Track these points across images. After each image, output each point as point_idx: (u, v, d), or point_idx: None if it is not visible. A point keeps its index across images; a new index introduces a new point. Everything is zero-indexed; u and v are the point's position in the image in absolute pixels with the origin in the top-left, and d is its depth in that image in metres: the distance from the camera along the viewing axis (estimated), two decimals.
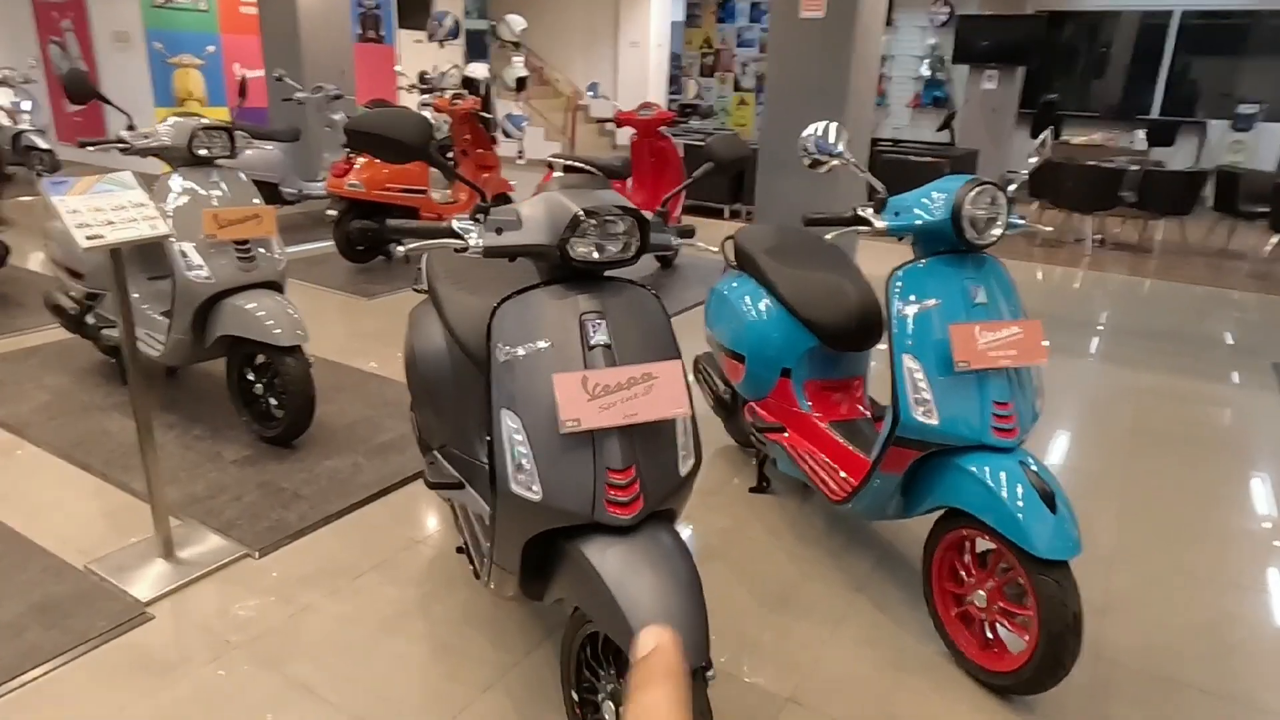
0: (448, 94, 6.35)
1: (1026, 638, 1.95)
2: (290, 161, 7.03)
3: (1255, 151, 10.65)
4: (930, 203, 2.07)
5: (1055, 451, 3.48)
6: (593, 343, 1.63)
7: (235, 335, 3.06)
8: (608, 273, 1.76)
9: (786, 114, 5.56)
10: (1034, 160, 2.26)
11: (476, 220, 1.66)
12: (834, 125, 2.14)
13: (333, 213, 5.68)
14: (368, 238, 5.81)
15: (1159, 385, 4.31)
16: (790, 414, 2.72)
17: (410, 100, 9.64)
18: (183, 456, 3.09)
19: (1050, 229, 2.44)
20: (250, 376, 3.20)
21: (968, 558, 2.14)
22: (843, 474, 2.42)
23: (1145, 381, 4.35)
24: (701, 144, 8.78)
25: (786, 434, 2.69)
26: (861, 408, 2.76)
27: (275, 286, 3.24)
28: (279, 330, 3.00)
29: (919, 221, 2.07)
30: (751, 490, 3.03)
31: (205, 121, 3.13)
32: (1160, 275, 6.92)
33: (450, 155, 6.74)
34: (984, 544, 2.10)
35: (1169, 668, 2.20)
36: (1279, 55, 11.51)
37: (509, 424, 1.61)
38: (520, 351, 1.63)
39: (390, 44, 11.81)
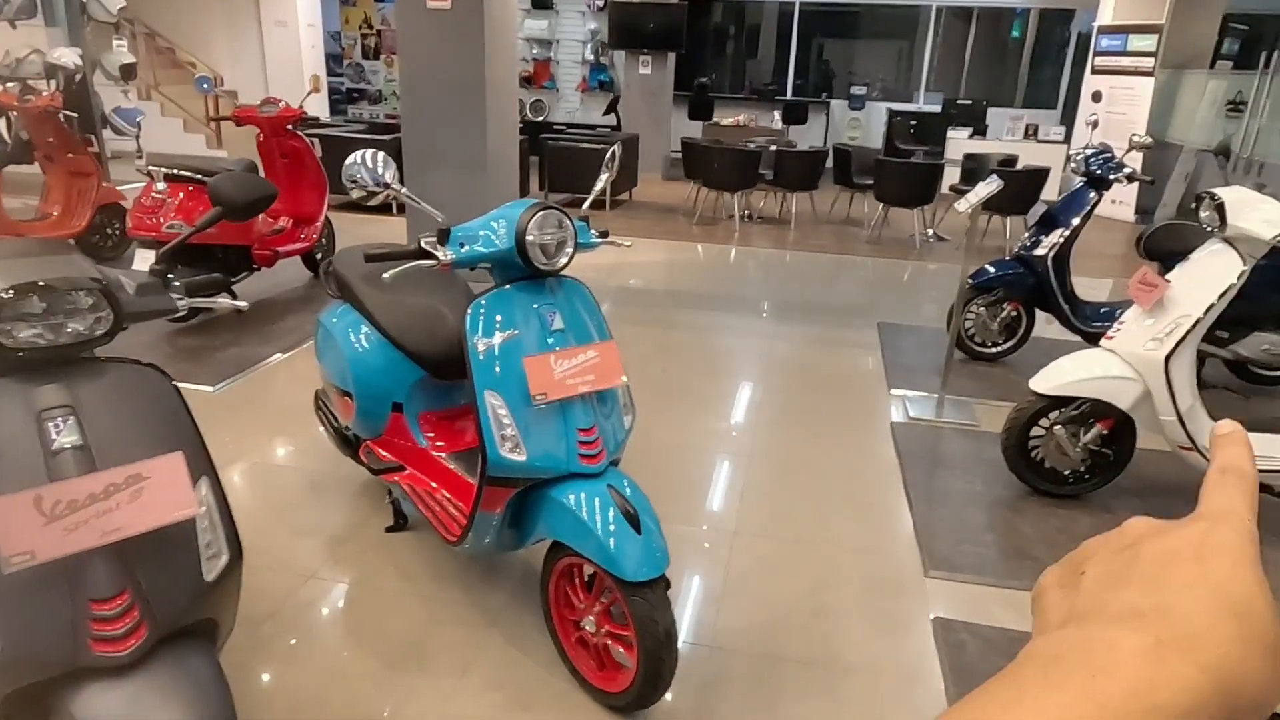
0: (13, 87, 5.27)
1: (633, 656, 1.97)
2: None
3: (869, 128, 12.29)
4: (493, 232, 1.98)
5: (687, 431, 3.67)
6: (56, 446, 1.32)
7: None
8: (94, 351, 1.45)
9: (425, 108, 5.32)
10: (603, 180, 2.26)
11: None
12: (379, 154, 1.97)
13: None
14: None
15: (786, 354, 4.75)
16: (408, 450, 2.55)
17: None
18: None
19: (629, 243, 2.50)
20: None
21: (578, 584, 2.13)
22: (460, 510, 2.30)
23: (776, 351, 4.78)
24: (365, 136, 8.25)
25: (405, 472, 2.51)
26: None
27: None
28: None
29: (484, 252, 1.98)
30: (388, 530, 2.82)
31: None
32: (796, 245, 7.71)
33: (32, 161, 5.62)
34: (591, 569, 2.09)
35: (771, 645, 2.37)
36: (883, 40, 13.38)
37: None
38: None
39: None
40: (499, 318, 2.00)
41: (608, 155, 2.28)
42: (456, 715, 2.06)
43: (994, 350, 4.64)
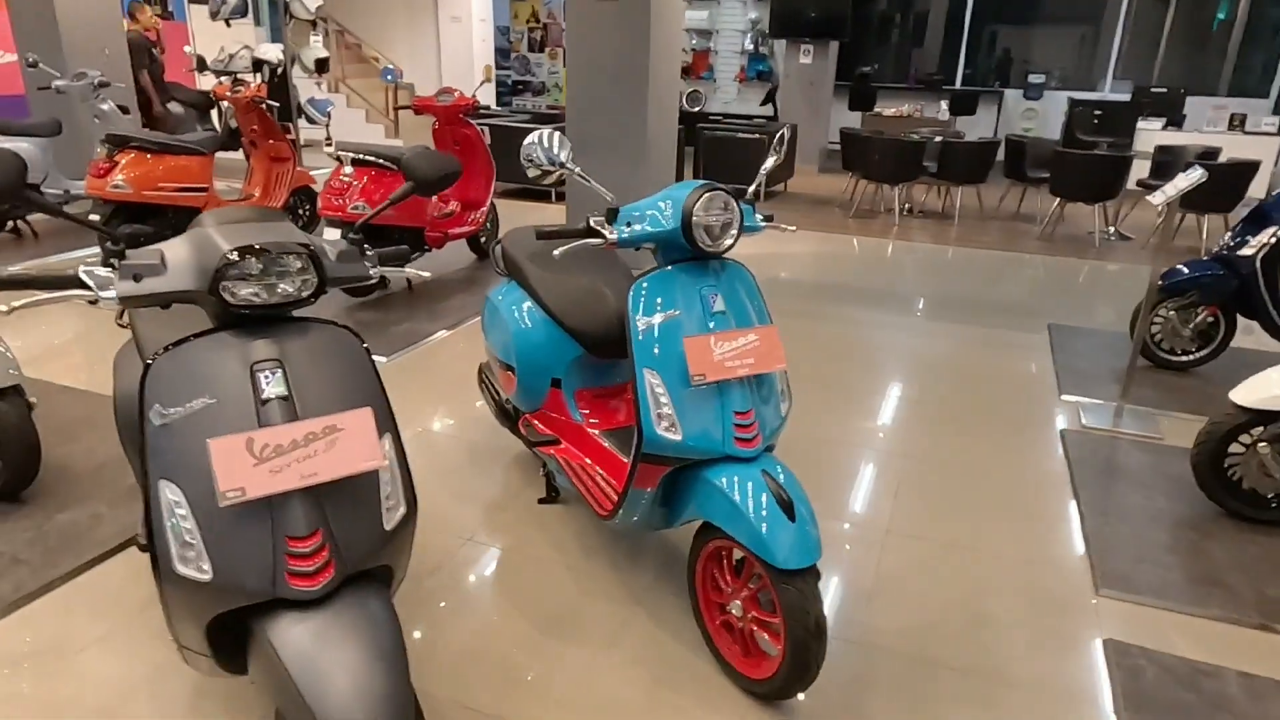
0: (227, 79, 5.83)
1: (779, 645, 1.94)
2: (51, 158, 6.28)
3: (1045, 119, 11.50)
4: (660, 212, 2.00)
5: (838, 425, 3.58)
6: (266, 396, 1.45)
7: None
8: (297, 312, 1.58)
9: (590, 97, 5.45)
10: (770, 162, 2.23)
11: (111, 265, 1.44)
12: (556, 134, 2.03)
13: (95, 218, 5.09)
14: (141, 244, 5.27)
15: (946, 353, 4.53)
16: (563, 425, 2.63)
17: (206, 84, 8.88)
18: None
19: (794, 228, 2.47)
20: None
21: (726, 567, 2.12)
22: (612, 485, 2.35)
23: (935, 349, 4.57)
24: (530, 126, 8.57)
25: (560, 446, 2.59)
26: None
27: None
28: None
29: (649, 231, 2.00)
30: (541, 501, 2.93)
31: None
32: (959, 241, 7.33)
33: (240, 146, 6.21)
34: (740, 553, 2.08)
35: (926, 648, 2.27)
36: (1065, 25, 12.46)
37: (169, 496, 1.42)
38: (179, 412, 1.43)
39: (181, 20, 10.83)
40: (661, 298, 2.02)
41: (775, 139, 2.25)
42: (600, 686, 2.11)
43: (1184, 359, 4.23)
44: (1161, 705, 2.08)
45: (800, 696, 2.07)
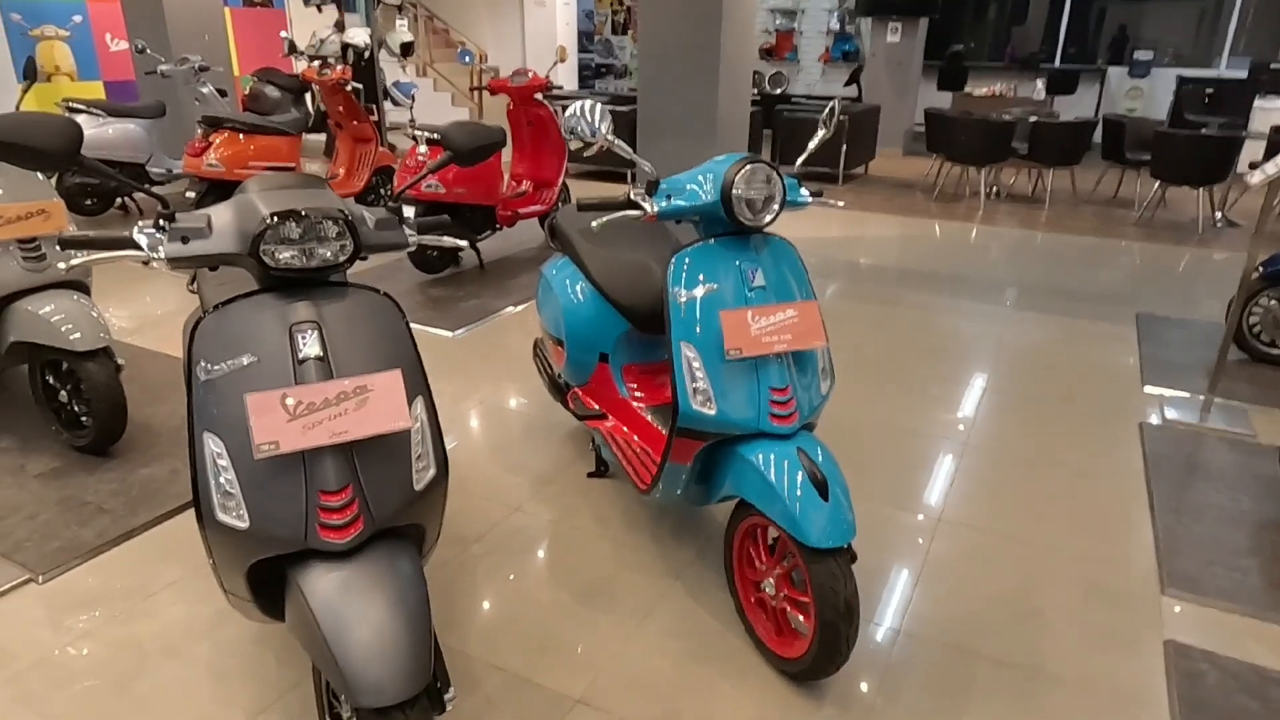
0: (316, 63, 6.06)
1: (811, 625, 1.92)
2: (156, 139, 6.65)
3: (1151, 98, 10.84)
4: (700, 185, 1.98)
5: (903, 411, 3.48)
6: (303, 355, 1.51)
7: (28, 341, 2.85)
8: (334, 277, 1.64)
9: (661, 78, 5.43)
10: (819, 136, 2.18)
11: (161, 228, 1.52)
12: (598, 106, 2.03)
13: (191, 195, 5.38)
14: None
15: (1025, 341, 4.35)
16: (610, 400, 2.65)
17: (299, 68, 9.25)
18: None
19: (842, 203, 2.40)
20: (55, 383, 3.01)
21: (761, 544, 2.11)
22: (653, 459, 2.36)
23: (1014, 337, 4.40)
24: (620, 109, 8.62)
25: (607, 421, 2.61)
26: None
27: (79, 286, 3.03)
28: (76, 334, 2.81)
29: (689, 204, 1.99)
30: (590, 475, 2.96)
31: None
32: (1049, 227, 7.01)
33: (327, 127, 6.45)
34: (775, 531, 2.06)
35: (968, 639, 2.21)
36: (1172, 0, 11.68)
37: (212, 448, 1.50)
38: (222, 369, 1.51)
39: (280, 8, 11.27)
40: (700, 272, 2.01)
41: (825, 112, 2.20)
42: (633, 656, 2.14)
43: None
44: (1222, 711, 1.96)
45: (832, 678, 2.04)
